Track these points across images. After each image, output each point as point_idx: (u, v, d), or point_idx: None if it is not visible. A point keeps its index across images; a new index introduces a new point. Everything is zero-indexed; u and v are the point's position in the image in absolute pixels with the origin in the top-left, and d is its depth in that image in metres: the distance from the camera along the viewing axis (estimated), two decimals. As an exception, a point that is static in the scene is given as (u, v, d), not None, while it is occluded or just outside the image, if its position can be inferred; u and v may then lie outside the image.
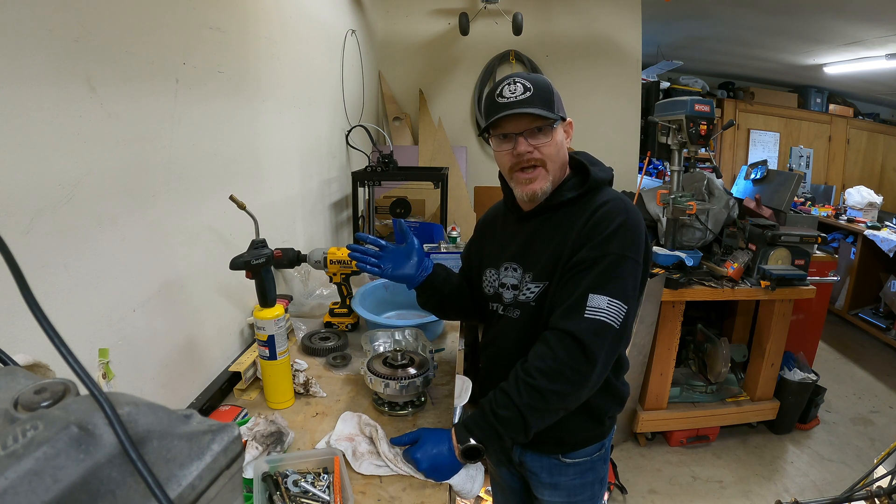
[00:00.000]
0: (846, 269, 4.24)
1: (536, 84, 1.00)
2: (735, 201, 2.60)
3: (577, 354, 0.91)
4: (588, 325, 0.91)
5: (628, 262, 0.96)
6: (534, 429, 0.95)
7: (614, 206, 1.00)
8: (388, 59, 3.62)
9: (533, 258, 1.06)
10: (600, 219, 0.98)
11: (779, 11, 3.63)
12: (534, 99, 0.99)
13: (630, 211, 1.00)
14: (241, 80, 1.46)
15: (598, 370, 0.93)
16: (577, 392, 0.93)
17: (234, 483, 0.41)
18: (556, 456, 1.14)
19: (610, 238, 0.96)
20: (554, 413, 0.95)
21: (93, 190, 0.89)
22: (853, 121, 5.74)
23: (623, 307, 0.93)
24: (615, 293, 0.93)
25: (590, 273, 0.95)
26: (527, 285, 1.06)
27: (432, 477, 0.99)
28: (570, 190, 1.06)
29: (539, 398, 0.92)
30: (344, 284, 1.61)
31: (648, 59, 4.71)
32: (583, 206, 1.03)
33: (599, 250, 0.95)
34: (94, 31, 0.87)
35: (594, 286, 0.93)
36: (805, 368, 2.74)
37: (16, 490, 0.28)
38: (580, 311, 0.93)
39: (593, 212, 1.00)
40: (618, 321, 0.93)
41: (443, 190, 2.45)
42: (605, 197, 1.03)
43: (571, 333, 0.91)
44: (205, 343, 1.31)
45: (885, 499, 1.54)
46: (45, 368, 0.54)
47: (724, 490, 2.36)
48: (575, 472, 1.15)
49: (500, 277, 1.12)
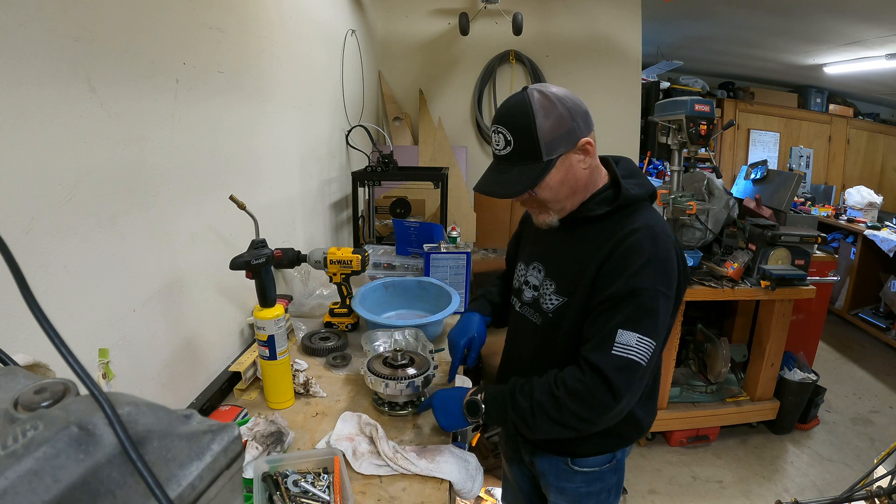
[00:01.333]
0: (846, 269, 4.24)
1: (517, 133, 0.93)
2: (735, 201, 2.60)
3: (602, 389, 0.91)
4: (615, 361, 0.90)
5: (659, 297, 0.93)
6: (540, 431, 0.96)
7: (644, 237, 0.95)
8: (388, 59, 3.62)
9: (556, 266, 1.06)
10: (628, 251, 0.94)
11: (779, 11, 3.63)
12: (513, 156, 0.94)
13: (659, 242, 0.95)
14: (241, 80, 1.46)
15: (621, 405, 0.92)
16: (595, 419, 0.93)
17: (234, 483, 0.41)
18: (564, 461, 1.14)
19: (640, 272, 0.92)
20: (565, 428, 0.95)
21: (93, 190, 0.89)
22: (853, 121, 5.74)
23: (651, 344, 0.91)
24: (645, 330, 0.91)
25: (619, 310, 0.92)
26: (549, 295, 1.05)
27: (439, 416, 1.07)
28: (599, 205, 1.01)
29: (555, 408, 0.93)
30: (344, 284, 1.61)
31: (648, 59, 4.71)
32: (612, 226, 0.99)
33: (629, 285, 0.92)
34: (94, 31, 0.87)
35: (623, 322, 0.91)
36: (805, 368, 2.74)
37: (16, 490, 0.28)
38: (608, 346, 0.91)
39: (622, 239, 0.96)
40: (645, 358, 0.91)
41: (443, 190, 2.45)
42: (636, 223, 0.97)
43: (598, 368, 0.91)
44: (205, 343, 1.31)
45: (885, 499, 1.54)
46: (45, 368, 0.54)
47: (724, 490, 2.36)
48: (582, 480, 1.14)
49: (526, 275, 1.13)
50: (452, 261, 1.84)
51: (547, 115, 0.92)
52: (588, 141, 0.96)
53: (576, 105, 0.95)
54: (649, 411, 1.12)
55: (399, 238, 2.14)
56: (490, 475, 2.22)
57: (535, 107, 0.92)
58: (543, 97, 0.93)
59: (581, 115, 0.95)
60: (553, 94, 0.94)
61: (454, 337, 1.23)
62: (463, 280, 1.85)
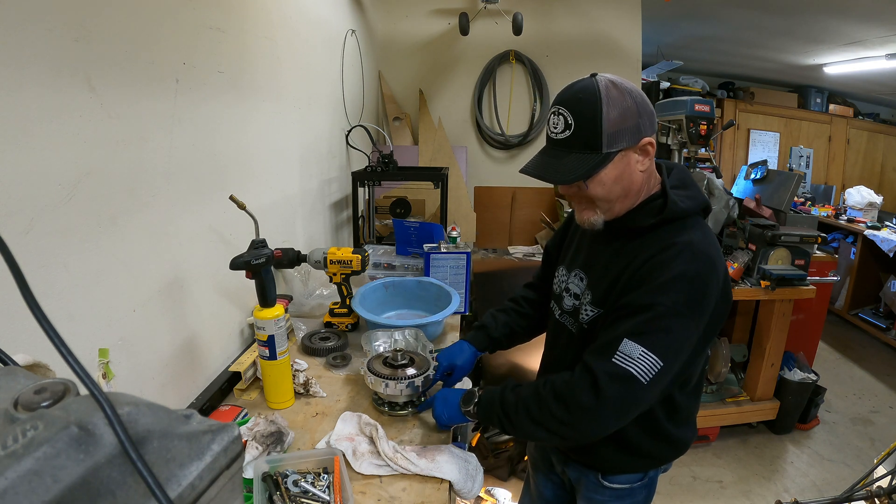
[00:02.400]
0: (846, 269, 4.24)
1: (580, 117, 0.87)
2: (735, 201, 2.60)
3: (588, 392, 0.86)
4: (611, 368, 0.85)
5: (679, 318, 0.85)
6: (519, 430, 0.97)
7: (677, 253, 0.88)
8: (388, 59, 3.62)
9: (596, 277, 1.00)
10: (659, 263, 0.88)
11: (779, 12, 3.63)
12: (571, 141, 0.88)
13: (699, 261, 0.87)
14: (242, 80, 1.46)
15: (605, 415, 0.86)
16: (572, 422, 0.88)
17: (234, 483, 0.41)
18: (595, 474, 1.11)
19: (663, 288, 0.86)
20: (544, 431, 0.92)
21: (93, 190, 0.89)
22: (853, 121, 5.74)
23: (657, 363, 0.84)
24: (651, 346, 0.84)
25: (630, 319, 0.87)
26: (586, 305, 1.01)
27: (438, 405, 1.10)
28: (646, 216, 0.94)
29: (536, 407, 0.92)
30: (344, 284, 1.61)
31: (648, 59, 4.71)
32: (655, 240, 0.92)
33: (647, 298, 0.86)
34: (94, 31, 0.87)
35: (630, 333, 0.86)
36: (805, 368, 2.74)
37: (16, 490, 0.28)
38: (609, 353, 0.86)
39: (657, 252, 0.89)
40: (646, 377, 0.84)
41: (443, 190, 2.45)
42: (680, 237, 0.90)
43: (591, 371, 0.87)
44: (205, 343, 1.31)
45: (885, 499, 1.54)
46: (45, 368, 0.54)
47: (724, 490, 2.36)
48: (612, 495, 1.12)
49: (567, 281, 1.08)
50: (452, 261, 1.84)
51: (614, 106, 0.86)
52: (650, 141, 0.90)
53: (644, 102, 0.90)
54: (680, 426, 1.05)
55: (399, 238, 2.14)
56: (490, 475, 2.23)
57: (602, 94, 0.86)
58: (613, 86, 0.87)
59: (648, 113, 0.90)
60: (624, 85, 0.88)
61: (440, 357, 1.24)
62: (463, 280, 1.85)
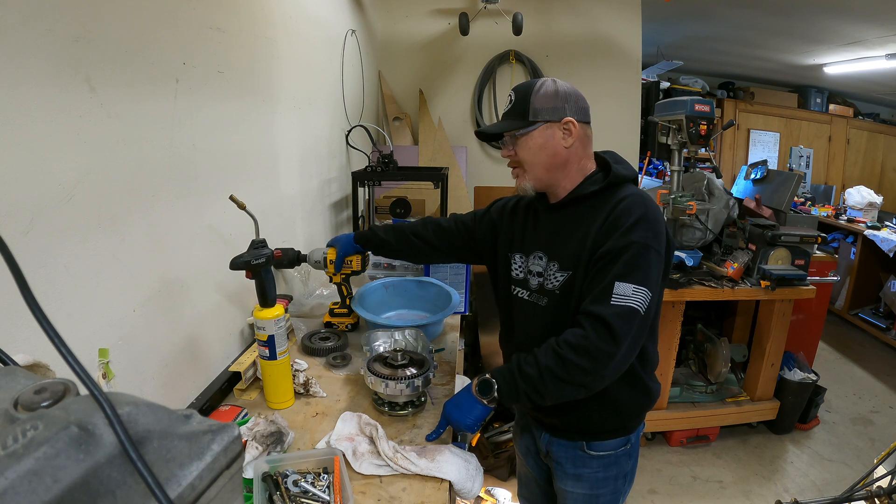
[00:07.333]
0: (846, 269, 4.24)
1: (518, 96, 1.11)
2: (735, 201, 2.60)
3: (604, 335, 0.96)
4: (615, 310, 0.97)
5: (651, 251, 1.01)
6: (551, 395, 0.99)
7: (634, 201, 1.05)
8: (388, 59, 3.62)
9: (558, 248, 1.12)
10: (621, 212, 1.04)
11: (779, 12, 3.63)
12: (509, 112, 1.12)
13: (649, 205, 1.06)
14: (242, 80, 1.46)
15: (622, 352, 0.97)
16: (600, 371, 0.98)
17: (234, 483, 0.41)
18: (580, 446, 1.18)
19: (631, 229, 1.01)
20: (573, 387, 0.99)
21: (93, 190, 0.89)
22: (853, 121, 5.74)
23: (648, 294, 0.99)
24: (639, 281, 0.98)
25: (615, 263, 1.00)
26: (553, 274, 1.11)
27: (453, 414, 1.07)
28: (593, 184, 1.12)
29: (562, 367, 0.97)
30: (344, 284, 1.61)
31: (648, 59, 4.71)
32: (604, 200, 1.09)
33: (622, 241, 1.01)
34: (94, 31, 0.87)
35: (619, 275, 0.99)
36: (805, 368, 2.74)
37: (16, 490, 0.28)
38: (607, 298, 0.98)
39: (614, 206, 1.06)
40: (643, 306, 0.98)
41: (443, 190, 2.45)
42: (626, 193, 1.08)
43: (600, 317, 0.97)
44: (205, 343, 1.31)
45: (885, 499, 1.54)
46: (45, 368, 0.54)
47: (724, 490, 2.36)
48: (598, 465, 1.19)
49: (528, 265, 1.18)
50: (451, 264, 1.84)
51: (545, 91, 1.09)
52: (570, 120, 1.08)
53: (573, 95, 1.10)
54: (651, 378, 1.19)
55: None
56: (490, 475, 2.23)
57: (538, 83, 1.10)
58: (550, 81, 1.10)
59: (573, 101, 1.09)
60: (559, 83, 1.10)
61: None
62: (463, 280, 1.85)
